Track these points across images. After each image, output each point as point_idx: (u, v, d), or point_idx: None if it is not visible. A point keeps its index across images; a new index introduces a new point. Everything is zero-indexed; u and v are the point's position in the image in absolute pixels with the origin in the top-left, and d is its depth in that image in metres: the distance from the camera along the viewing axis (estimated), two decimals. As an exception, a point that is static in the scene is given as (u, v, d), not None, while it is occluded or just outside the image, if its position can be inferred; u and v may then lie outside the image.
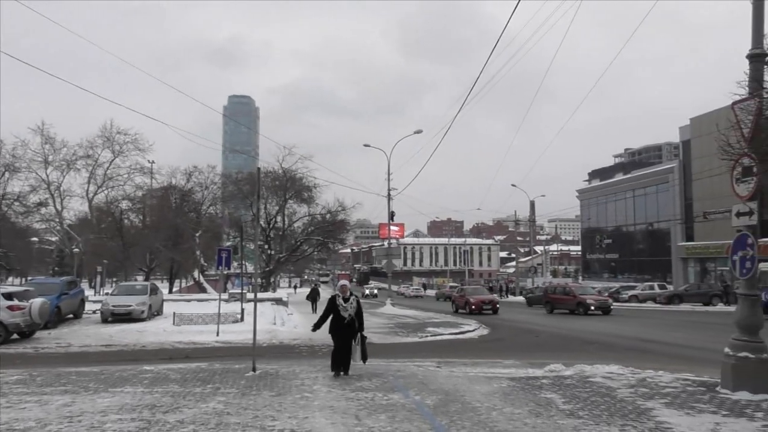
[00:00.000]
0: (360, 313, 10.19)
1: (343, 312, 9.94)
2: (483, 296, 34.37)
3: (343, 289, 10.20)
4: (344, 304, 9.98)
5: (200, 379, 9.93)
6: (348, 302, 10.03)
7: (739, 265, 8.50)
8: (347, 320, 9.95)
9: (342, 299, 10.03)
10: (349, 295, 10.18)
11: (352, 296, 10.18)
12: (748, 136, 8.17)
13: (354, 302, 10.09)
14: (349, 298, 10.09)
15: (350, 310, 9.98)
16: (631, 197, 57.98)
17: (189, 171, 47.46)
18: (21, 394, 8.78)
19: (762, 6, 8.34)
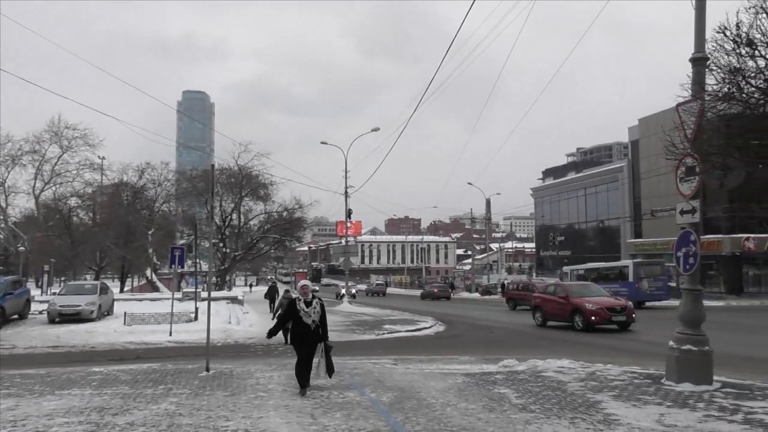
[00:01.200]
0: (324, 319, 8.63)
1: (306, 318, 8.35)
2: (604, 299, 20.16)
3: (304, 291, 8.61)
4: (306, 309, 8.36)
5: (152, 380, 9.72)
6: (311, 306, 8.42)
7: (682, 261, 8.82)
8: (311, 327, 8.40)
9: (303, 303, 8.43)
10: (311, 297, 8.56)
11: (315, 299, 8.58)
12: (691, 137, 8.48)
13: (318, 306, 8.49)
14: (311, 302, 8.47)
15: (314, 316, 8.38)
16: (583, 195, 59.43)
17: (141, 167, 46.39)
18: (-40, 398, 8.41)
19: (704, 12, 8.66)
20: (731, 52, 6.60)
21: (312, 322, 8.37)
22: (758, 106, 6.62)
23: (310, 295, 8.60)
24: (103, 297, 24.39)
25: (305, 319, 8.36)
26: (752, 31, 6.46)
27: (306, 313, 8.36)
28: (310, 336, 8.42)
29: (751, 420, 6.52)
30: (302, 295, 8.54)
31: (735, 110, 6.99)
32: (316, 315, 8.42)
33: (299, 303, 8.43)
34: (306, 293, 8.57)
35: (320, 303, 8.58)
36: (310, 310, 8.38)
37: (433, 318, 25.41)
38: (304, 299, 8.48)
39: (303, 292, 8.58)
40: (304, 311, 8.37)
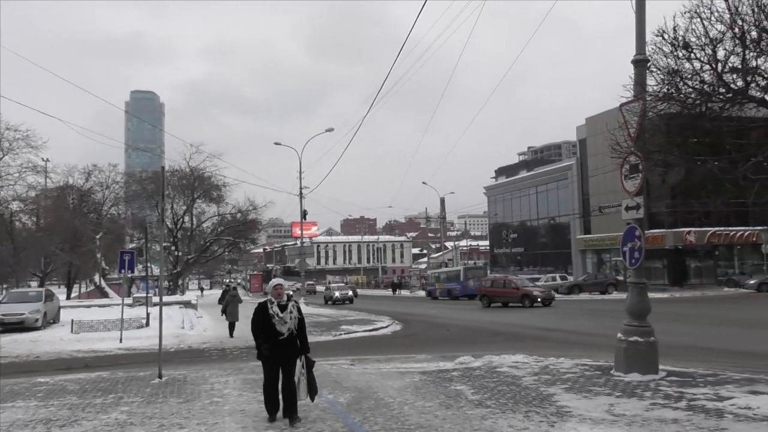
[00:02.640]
0: (303, 326, 6.96)
1: (280, 326, 6.69)
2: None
3: (277, 292, 6.93)
4: (281, 315, 6.73)
5: (101, 389, 9.45)
6: (286, 311, 6.78)
7: (628, 255, 9.14)
8: (286, 337, 6.73)
9: (277, 307, 6.78)
10: (286, 300, 6.93)
11: (291, 301, 6.95)
12: (634, 136, 8.79)
13: (294, 310, 6.87)
14: (286, 305, 6.83)
15: (290, 323, 6.74)
16: (534, 193, 60.68)
17: (88, 170, 44.96)
18: None
19: (643, 15, 8.99)
20: (669, 54, 6.89)
21: (288, 330, 6.70)
22: (695, 106, 6.93)
23: (285, 296, 6.91)
24: (49, 304, 23.54)
25: (279, 327, 6.66)
26: (688, 35, 6.77)
27: (280, 319, 6.68)
28: (286, 348, 6.70)
29: (694, 406, 6.82)
30: (275, 297, 6.84)
31: (674, 110, 7.29)
32: (293, 321, 6.76)
33: (271, 307, 6.75)
34: (280, 295, 6.87)
35: (297, 306, 6.93)
36: (285, 315, 6.71)
37: (389, 317, 25.52)
38: (277, 302, 6.80)
39: (276, 294, 6.88)
40: (278, 317, 6.67)
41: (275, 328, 6.67)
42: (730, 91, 6.65)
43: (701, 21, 6.57)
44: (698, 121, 6.88)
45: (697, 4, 6.61)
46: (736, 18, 6.35)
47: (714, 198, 8.19)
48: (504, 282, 33.57)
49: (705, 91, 6.74)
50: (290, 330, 6.72)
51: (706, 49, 6.62)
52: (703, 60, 6.64)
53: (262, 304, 6.89)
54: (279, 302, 6.82)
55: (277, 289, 6.94)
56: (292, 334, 6.74)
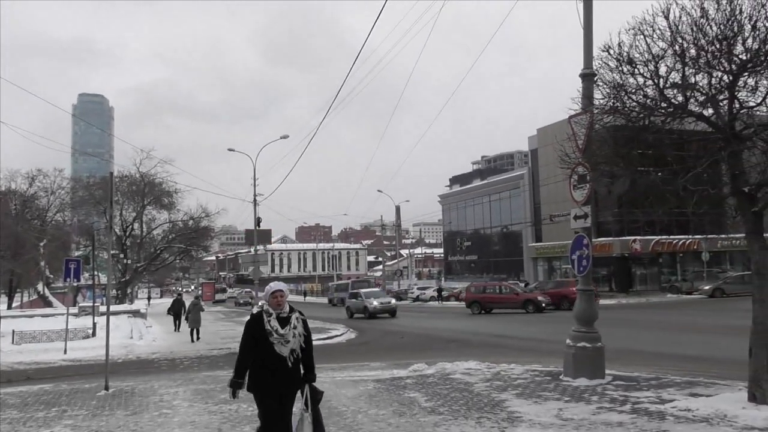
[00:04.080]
0: (310, 347, 5.22)
1: (281, 346, 4.95)
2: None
3: (277, 301, 5.11)
4: (281, 331, 4.97)
5: (44, 402, 9.11)
6: (288, 326, 5.04)
7: (576, 263, 9.40)
8: (289, 361, 4.98)
9: (276, 320, 5.02)
10: (288, 311, 5.14)
11: (295, 313, 5.18)
12: (582, 147, 9.08)
13: (299, 325, 5.11)
14: (289, 318, 5.08)
15: (293, 342, 5.01)
16: (488, 202, 61.64)
17: (32, 174, 43.30)
18: None
19: (591, 31, 9.33)
20: (615, 69, 7.14)
21: (291, 352, 4.97)
22: (639, 119, 7.20)
23: (287, 307, 5.13)
24: (-12, 315, 22.53)
25: (279, 348, 4.92)
26: (632, 51, 7.02)
27: (281, 337, 4.93)
28: (287, 376, 4.96)
29: (638, 409, 7.06)
30: (274, 308, 5.07)
31: (619, 122, 7.56)
32: (297, 340, 5.03)
33: (269, 321, 4.99)
34: (280, 304, 5.09)
35: (302, 320, 5.17)
36: (287, 332, 4.97)
37: (344, 326, 25.46)
38: (276, 314, 5.04)
39: (276, 303, 5.08)
40: (278, 334, 4.93)
41: (273, 349, 4.89)
42: (671, 106, 6.94)
43: (644, 38, 6.84)
44: (642, 133, 7.15)
45: (641, 22, 6.88)
46: (676, 36, 6.64)
47: (657, 208, 8.49)
48: (500, 288, 32.36)
49: (648, 105, 7.01)
50: (293, 352, 4.96)
51: (649, 65, 6.89)
52: (646, 75, 6.91)
53: (255, 316, 5.11)
54: (278, 314, 5.02)
55: (277, 296, 5.08)
56: (296, 358, 4.98)
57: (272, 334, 4.93)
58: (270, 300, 5.10)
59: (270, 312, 5.04)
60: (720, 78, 6.67)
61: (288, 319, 5.04)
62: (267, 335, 4.93)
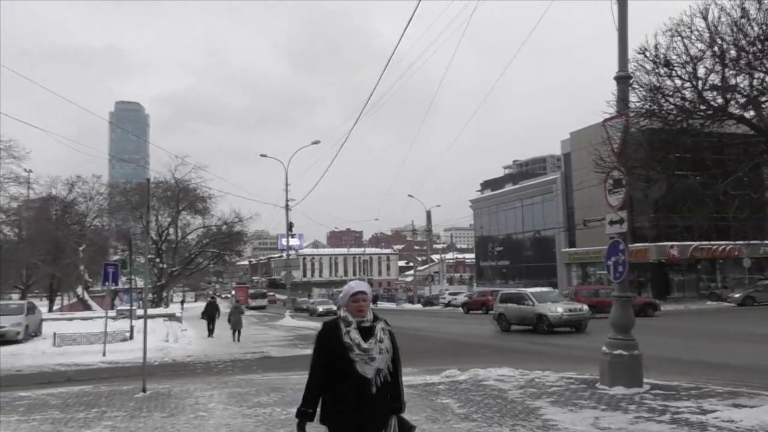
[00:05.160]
0: (398, 364, 4.00)
1: (364, 365, 3.78)
2: None
3: (359, 306, 3.91)
4: (364, 345, 3.82)
5: (84, 404, 9.33)
6: (373, 338, 3.87)
7: (612, 269, 9.24)
8: (373, 385, 3.79)
9: (357, 332, 3.86)
10: (371, 319, 3.96)
11: (380, 322, 3.98)
12: (617, 151, 8.93)
13: (386, 338, 3.94)
14: (373, 329, 3.91)
15: (379, 360, 3.84)
16: (520, 206, 61.03)
17: (71, 181, 44.48)
18: None
19: (626, 33, 9.17)
20: (651, 71, 7.04)
21: (377, 373, 3.79)
22: (676, 122, 7.08)
23: (370, 314, 3.94)
24: (30, 317, 23.21)
25: (362, 368, 3.75)
26: (669, 53, 6.92)
27: (364, 353, 3.78)
28: (370, 403, 3.78)
29: (678, 420, 6.88)
30: (354, 315, 3.89)
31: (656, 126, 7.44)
32: (384, 357, 3.85)
33: (348, 332, 3.82)
34: (362, 311, 3.89)
35: (389, 332, 3.95)
36: (371, 346, 3.81)
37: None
38: (357, 323, 3.86)
39: (357, 309, 3.88)
40: (361, 350, 3.78)
41: (354, 368, 3.71)
42: (710, 108, 6.80)
43: (682, 39, 6.73)
44: (679, 137, 7.03)
45: (678, 23, 6.78)
46: (715, 37, 6.52)
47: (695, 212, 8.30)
48: None
49: (686, 107, 6.89)
50: (379, 372, 3.76)
51: (687, 67, 6.77)
52: (684, 77, 6.80)
53: (330, 325, 3.90)
54: (360, 323, 3.83)
55: (359, 300, 3.85)
56: (383, 380, 3.78)
57: (353, 349, 3.70)
58: (349, 304, 3.87)
59: (349, 320, 3.81)
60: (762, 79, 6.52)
61: (372, 330, 3.82)
62: (346, 351, 3.70)
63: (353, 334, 3.77)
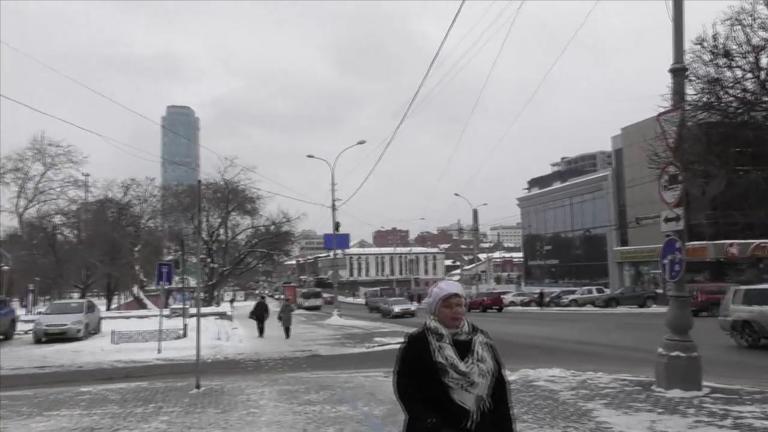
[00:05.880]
0: (504, 386, 3.09)
1: (461, 392, 2.82)
2: None
3: (454, 312, 2.97)
4: (462, 366, 2.84)
5: (141, 399, 9.63)
6: (470, 355, 2.90)
7: (668, 268, 8.94)
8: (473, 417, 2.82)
9: (450, 346, 2.89)
10: (469, 331, 3.01)
11: (478, 335, 3.03)
12: (673, 146, 8.63)
13: (487, 354, 2.98)
14: (470, 341, 2.96)
15: (481, 384, 2.87)
16: (569, 204, 59.85)
17: (126, 184, 46.04)
18: (-54, 422, 8.29)
19: (681, 24, 8.84)
20: (709, 62, 6.78)
21: (477, 403, 2.88)
22: (736, 115, 6.79)
23: (465, 324, 3.05)
24: (90, 315, 24.13)
25: (459, 396, 2.85)
26: (729, 43, 6.65)
27: (462, 378, 2.85)
28: None
29: (740, 425, 6.60)
30: (448, 326, 2.99)
31: (714, 119, 7.15)
32: (487, 381, 2.93)
33: (440, 348, 2.91)
34: (458, 319, 3.01)
35: (490, 347, 3.10)
36: (470, 366, 2.89)
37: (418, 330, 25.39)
38: (450, 335, 2.97)
39: (451, 317, 3.00)
40: (458, 373, 2.85)
41: (449, 396, 2.84)
42: (774, 100, 6.50)
43: (743, 28, 6.45)
44: (740, 130, 6.73)
45: (739, 11, 6.49)
46: (779, 25, 6.23)
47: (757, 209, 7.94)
48: None
49: (747, 99, 6.60)
50: (481, 402, 2.88)
51: (749, 57, 6.49)
52: (745, 68, 6.51)
53: (415, 339, 3.01)
54: (454, 336, 2.95)
55: (452, 305, 2.99)
56: (487, 408, 2.90)
57: (447, 371, 2.80)
58: (439, 311, 2.96)
59: (440, 332, 2.90)
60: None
61: (469, 345, 2.91)
62: (438, 374, 2.80)
63: (447, 352, 2.84)
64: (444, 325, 2.95)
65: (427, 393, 2.85)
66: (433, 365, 2.84)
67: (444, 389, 2.83)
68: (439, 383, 2.83)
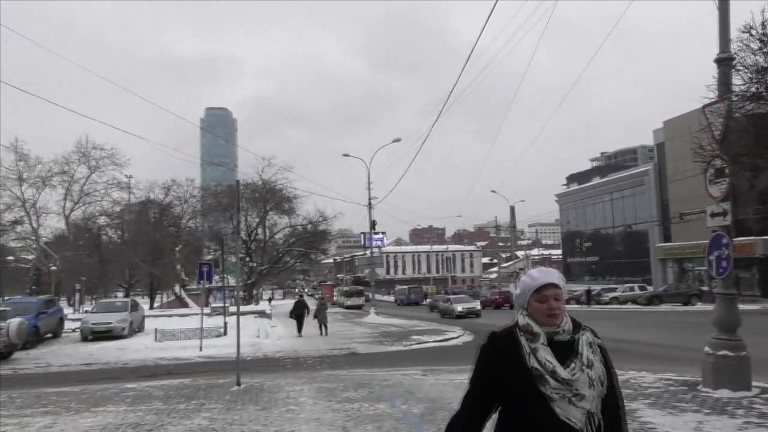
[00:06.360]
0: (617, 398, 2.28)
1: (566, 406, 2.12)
2: None
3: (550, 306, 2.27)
4: (563, 374, 2.14)
5: (184, 396, 9.82)
6: (577, 359, 2.20)
7: (715, 264, 8.65)
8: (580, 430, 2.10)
9: (546, 347, 2.21)
10: (570, 329, 2.29)
11: (584, 333, 2.31)
12: (719, 139, 8.36)
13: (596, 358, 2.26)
14: (575, 341, 2.25)
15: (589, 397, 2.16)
16: (609, 200, 58.65)
17: (167, 185, 47.12)
18: (0, 416, 8.60)
19: (727, 12, 8.55)
20: (758, 51, 6.52)
21: (587, 419, 2.14)
22: (788, 105, 6.53)
23: (567, 322, 2.31)
24: (134, 314, 24.75)
25: (563, 410, 2.12)
26: (779, 30, 6.37)
27: (565, 386, 2.14)
28: None
29: (793, 426, 6.36)
30: (544, 323, 2.28)
31: (763, 110, 6.88)
32: (597, 393, 2.20)
33: (534, 350, 2.22)
34: (556, 315, 2.27)
35: (600, 351, 2.33)
36: (576, 373, 2.17)
37: (460, 328, 25.28)
38: (548, 335, 2.25)
39: (547, 312, 2.27)
40: (560, 381, 2.15)
41: (551, 410, 2.15)
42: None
43: (793, 15, 6.19)
44: (791, 121, 6.47)
45: (788, -2, 6.23)
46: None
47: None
48: None
49: (798, 89, 6.34)
50: (592, 418, 2.18)
51: (799, 45, 6.23)
52: (796, 56, 6.25)
53: (501, 335, 2.36)
54: (553, 335, 2.27)
55: (549, 298, 2.30)
56: (598, 429, 2.19)
57: (545, 379, 2.16)
58: (531, 305, 2.33)
59: (533, 330, 2.28)
60: None
61: (572, 347, 2.26)
62: (533, 382, 2.17)
63: (543, 354, 2.19)
64: (538, 322, 2.28)
65: (518, 406, 2.17)
66: (527, 370, 2.17)
67: (542, 401, 2.12)
68: (536, 394, 2.13)
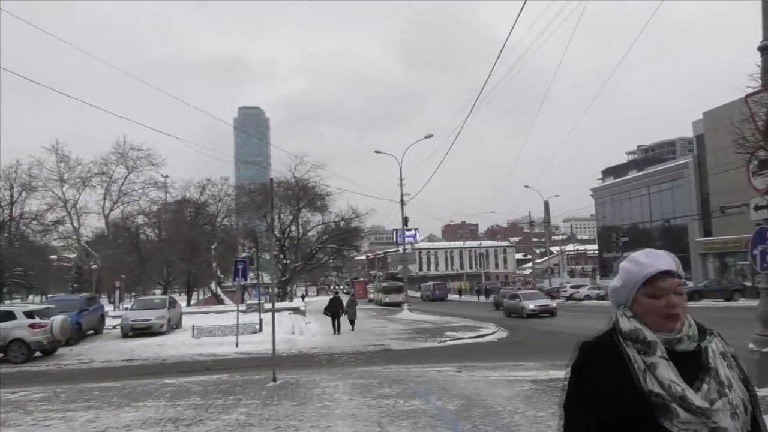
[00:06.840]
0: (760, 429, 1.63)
1: None
2: None
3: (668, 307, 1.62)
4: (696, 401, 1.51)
5: (221, 391, 9.98)
6: (708, 376, 1.57)
7: (759, 259, 8.38)
8: None
9: (665, 361, 1.56)
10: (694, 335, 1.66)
11: (712, 339, 1.69)
12: (762, 129, 8.09)
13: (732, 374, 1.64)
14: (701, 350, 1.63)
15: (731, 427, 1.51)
16: (646, 194, 57.41)
17: (202, 184, 47.86)
18: (46, 411, 8.88)
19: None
20: (804, 37, 6.27)
21: None
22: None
23: (691, 325, 1.68)
24: (172, 311, 25.27)
25: None
26: (827, 14, 6.13)
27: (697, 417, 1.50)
28: None
29: None
30: (659, 327, 1.62)
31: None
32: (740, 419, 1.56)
33: (652, 368, 1.56)
34: (675, 317, 1.62)
35: (735, 362, 1.71)
36: (711, 396, 1.54)
37: (494, 324, 25.09)
38: (665, 342, 1.61)
39: (663, 312, 1.63)
40: (692, 412, 1.50)
41: None
42: None
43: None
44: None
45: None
46: None
47: None
48: None
49: None
50: None
51: None
52: None
53: (598, 346, 1.79)
54: (673, 344, 1.62)
55: (665, 292, 1.66)
56: None
57: (670, 408, 1.52)
58: (639, 300, 1.72)
59: (646, 338, 1.64)
60: None
61: (699, 359, 1.65)
62: (650, 412, 1.53)
63: (664, 373, 1.58)
64: (651, 325, 1.65)
65: None
66: (640, 395, 1.55)
67: (656, 426, 1.52)
68: (656, 427, 1.53)
